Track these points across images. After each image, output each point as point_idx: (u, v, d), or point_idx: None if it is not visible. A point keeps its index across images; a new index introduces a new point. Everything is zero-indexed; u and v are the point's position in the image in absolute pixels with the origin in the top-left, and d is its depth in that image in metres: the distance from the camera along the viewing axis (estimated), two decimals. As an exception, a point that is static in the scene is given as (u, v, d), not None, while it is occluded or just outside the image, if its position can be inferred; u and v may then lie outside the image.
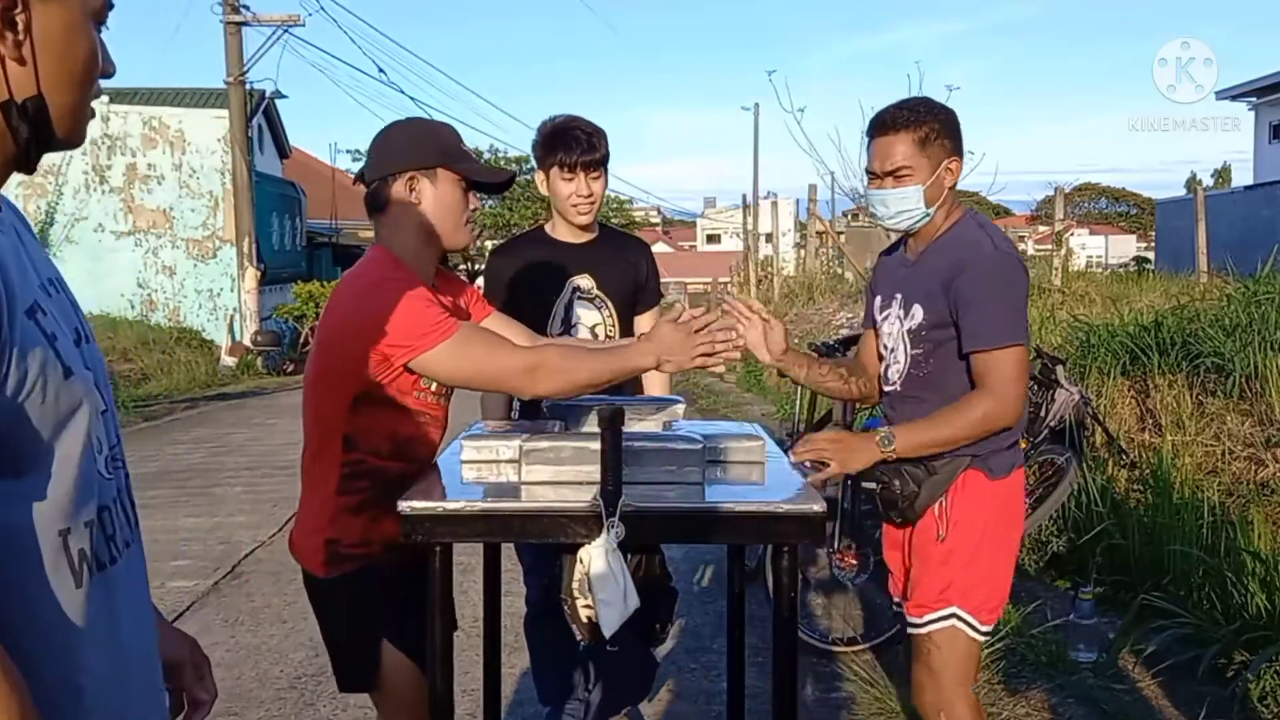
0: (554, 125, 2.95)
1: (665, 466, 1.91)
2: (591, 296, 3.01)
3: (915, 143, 2.31)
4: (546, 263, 2.99)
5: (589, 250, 3.03)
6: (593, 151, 2.90)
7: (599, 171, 2.93)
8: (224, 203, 18.68)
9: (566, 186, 2.90)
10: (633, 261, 3.09)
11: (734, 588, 2.56)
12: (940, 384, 2.37)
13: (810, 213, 18.06)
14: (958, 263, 2.31)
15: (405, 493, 1.85)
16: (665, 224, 74.68)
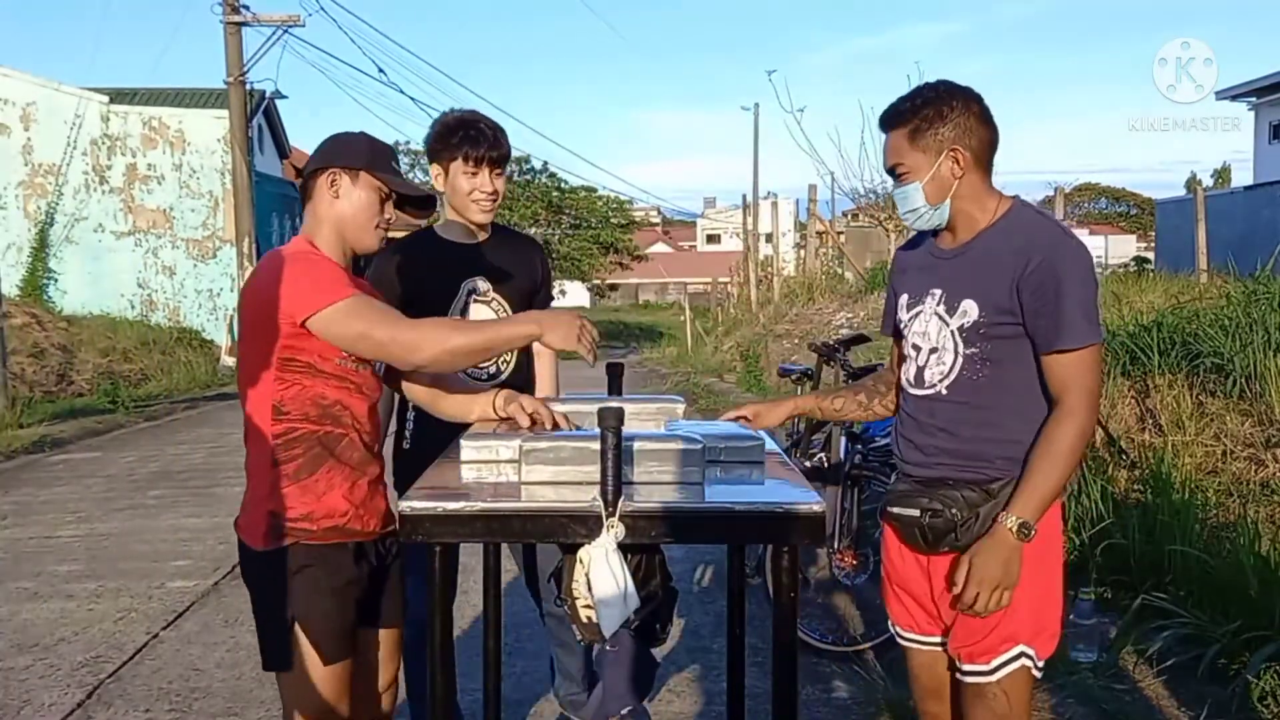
0: (456, 118, 2.83)
1: (665, 466, 1.91)
2: (488, 299, 2.88)
3: (905, 138, 2.17)
4: (439, 264, 2.85)
5: (483, 250, 2.90)
6: (498, 147, 2.80)
7: (502, 169, 2.83)
8: (224, 203, 18.67)
9: (469, 182, 2.78)
10: (528, 261, 2.99)
11: (734, 588, 2.56)
12: (999, 386, 2.13)
13: (810, 213, 18.07)
14: (1026, 249, 2.08)
15: (405, 492, 1.85)
16: (665, 224, 74.69)
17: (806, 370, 5.35)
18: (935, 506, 2.17)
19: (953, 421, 2.18)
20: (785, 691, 1.84)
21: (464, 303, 2.84)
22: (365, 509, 2.25)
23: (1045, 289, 2.05)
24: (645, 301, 62.08)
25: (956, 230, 2.20)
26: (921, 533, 2.20)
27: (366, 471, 2.27)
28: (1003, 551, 2.07)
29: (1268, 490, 4.88)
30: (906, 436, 2.29)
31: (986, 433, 2.15)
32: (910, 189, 2.18)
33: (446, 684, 1.89)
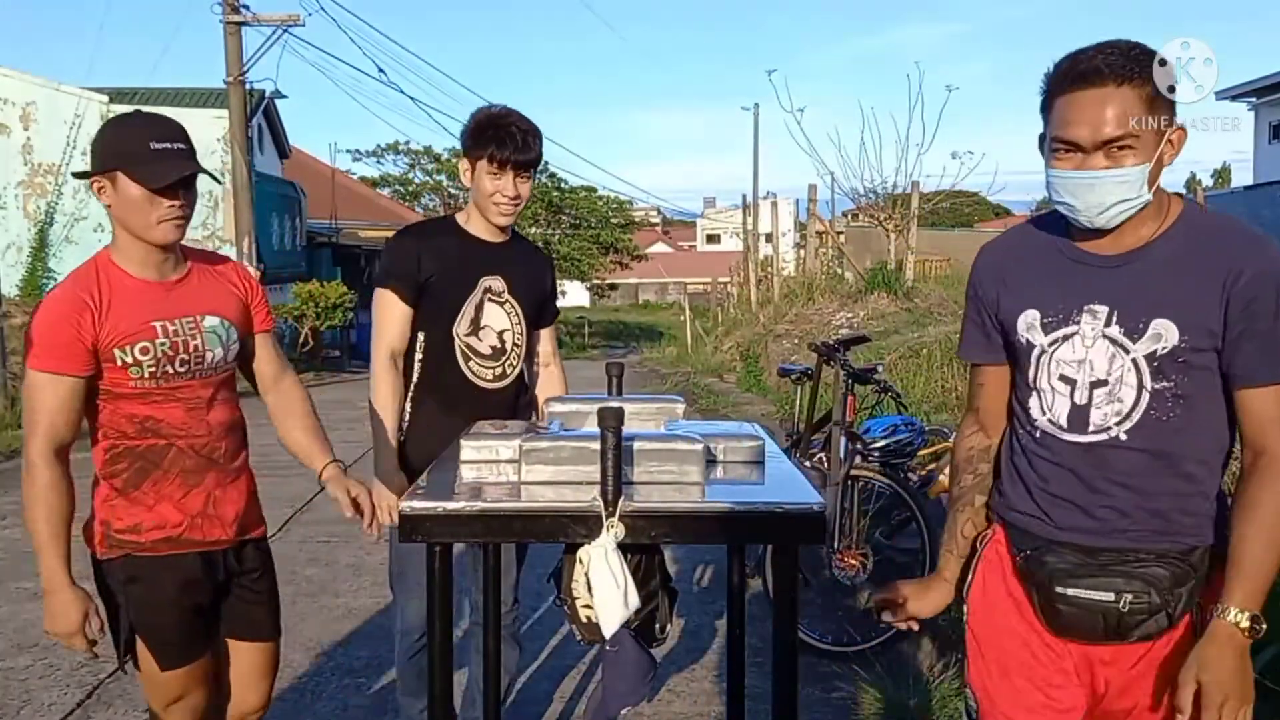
0: (489, 116, 2.75)
1: (665, 466, 1.91)
2: (502, 300, 2.84)
3: (1143, 100, 1.66)
4: (460, 256, 2.80)
5: (503, 251, 2.85)
6: (526, 151, 2.72)
7: (529, 174, 2.76)
8: (224, 203, 18.68)
9: (492, 183, 2.72)
10: (542, 273, 2.98)
11: (734, 588, 2.56)
12: (1190, 429, 1.74)
13: (810, 213, 18.06)
14: (1233, 259, 1.68)
15: (419, 493, 1.85)
16: (665, 224, 74.71)
17: (806, 370, 5.35)
18: (1135, 588, 1.73)
19: (1136, 475, 1.74)
20: (785, 691, 1.84)
21: (479, 299, 2.80)
22: (205, 518, 2.26)
23: (1261, 308, 1.66)
24: (645, 301, 62.09)
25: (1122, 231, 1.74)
26: (1117, 621, 1.75)
27: (204, 480, 2.26)
28: (1234, 657, 1.64)
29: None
30: (1057, 495, 1.81)
31: (1179, 487, 1.74)
32: (1134, 171, 1.66)
33: (446, 684, 1.89)
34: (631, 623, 1.97)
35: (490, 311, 2.81)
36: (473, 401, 2.76)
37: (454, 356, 2.78)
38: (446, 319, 2.77)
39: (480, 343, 2.80)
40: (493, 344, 2.81)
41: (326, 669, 4.01)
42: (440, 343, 2.78)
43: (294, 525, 6.28)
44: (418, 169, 38.25)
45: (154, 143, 2.12)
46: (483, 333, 2.80)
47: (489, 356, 2.81)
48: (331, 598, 4.88)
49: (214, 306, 2.27)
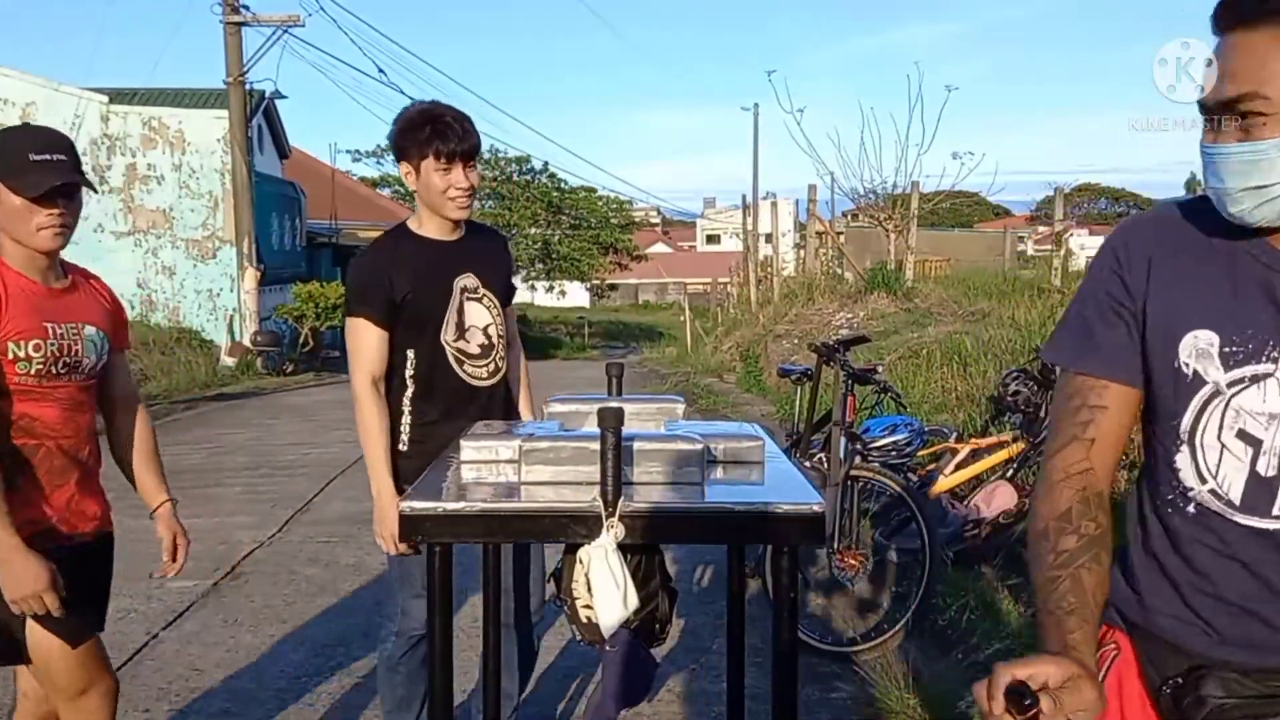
0: (419, 112, 2.72)
1: (665, 466, 1.91)
2: (479, 296, 2.83)
3: None
4: (429, 264, 2.77)
5: (465, 246, 2.83)
6: (468, 139, 2.69)
7: (474, 161, 2.73)
8: (224, 203, 18.67)
9: (443, 179, 2.68)
10: (503, 254, 2.97)
11: (734, 588, 2.56)
12: None
13: (810, 213, 18.06)
14: None
15: (405, 493, 1.85)
16: (665, 224, 74.72)
17: (806, 370, 5.35)
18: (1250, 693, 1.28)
19: None
20: (785, 692, 1.84)
21: (459, 301, 2.79)
22: (72, 514, 2.35)
23: None
24: (645, 302, 62.10)
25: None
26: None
27: (69, 479, 2.34)
28: None
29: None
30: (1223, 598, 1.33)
31: None
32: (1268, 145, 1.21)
33: (446, 684, 1.89)
34: (631, 623, 1.97)
35: (471, 310, 2.81)
36: (474, 403, 2.78)
37: (448, 364, 2.78)
38: (433, 330, 2.76)
39: (469, 344, 2.80)
40: (480, 342, 2.82)
41: (326, 669, 4.01)
42: (431, 354, 2.78)
43: (294, 525, 6.28)
44: (413, 167, 38.20)
45: (33, 154, 2.23)
46: (469, 333, 2.80)
47: (480, 355, 2.82)
48: (331, 598, 4.88)
49: (92, 317, 2.42)
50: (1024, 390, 5.14)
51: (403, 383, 2.78)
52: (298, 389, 15.44)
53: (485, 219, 37.25)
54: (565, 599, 2.05)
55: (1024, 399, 5.13)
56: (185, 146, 18.90)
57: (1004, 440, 5.12)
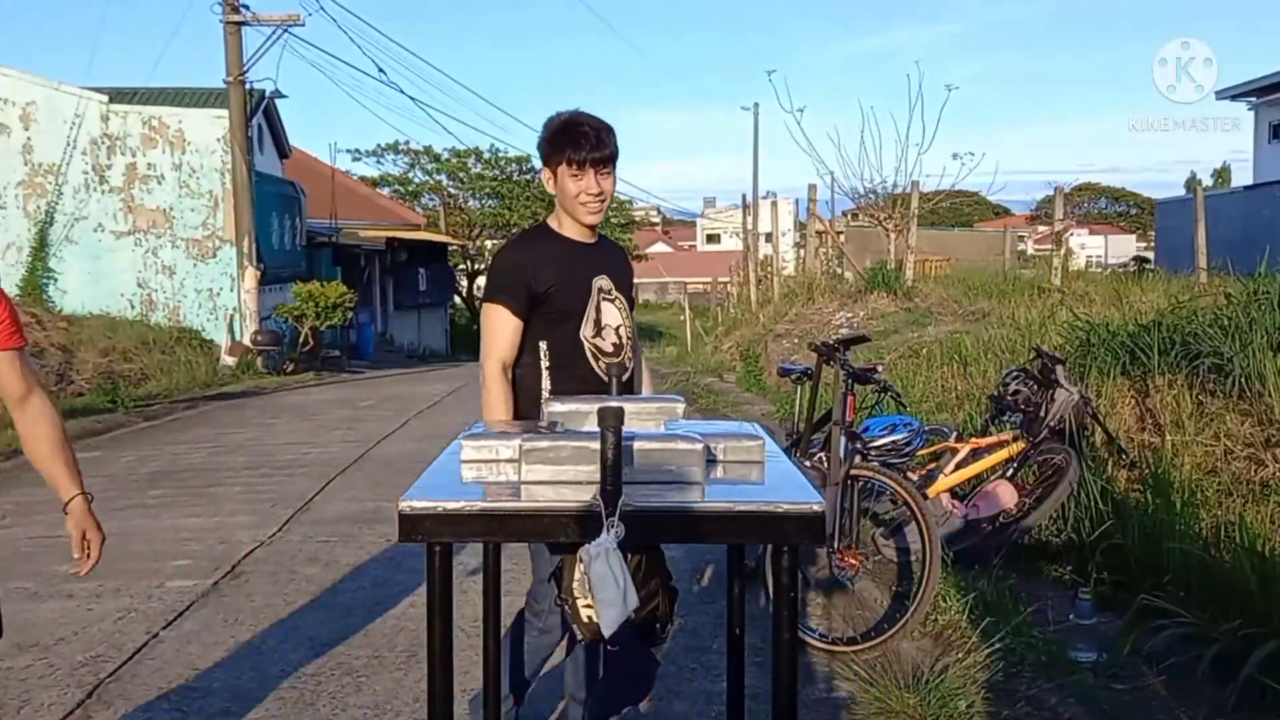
0: (560, 121, 2.86)
1: (665, 466, 1.90)
2: (613, 298, 2.96)
3: None
4: (571, 261, 2.91)
5: (600, 250, 2.99)
6: (602, 147, 2.82)
7: (608, 169, 2.85)
8: (224, 202, 18.66)
9: (575, 184, 2.83)
10: (628, 265, 3.11)
11: (734, 588, 2.55)
12: None
13: (810, 213, 18.06)
14: None
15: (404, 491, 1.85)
16: (665, 224, 74.71)
17: (806, 370, 5.35)
18: None
19: None
20: (785, 691, 1.84)
21: (596, 301, 2.92)
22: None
23: None
24: (645, 301, 62.03)
25: None
26: None
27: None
28: None
29: (1268, 490, 4.88)
30: None
31: None
32: None
33: (446, 684, 1.89)
34: (631, 622, 1.97)
35: (606, 310, 2.94)
36: None
37: (585, 358, 2.90)
38: (574, 325, 2.88)
39: (604, 341, 2.92)
40: (613, 340, 2.94)
41: (326, 669, 4.01)
42: (569, 347, 2.89)
43: (294, 525, 6.27)
44: (418, 169, 38.24)
45: None
46: (604, 331, 2.92)
47: (612, 353, 2.93)
48: (331, 597, 4.88)
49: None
50: (1024, 390, 5.14)
51: (539, 372, 2.89)
52: (298, 388, 15.43)
53: (485, 217, 37.26)
54: (565, 599, 2.05)
55: (1024, 398, 5.13)
56: (185, 146, 18.89)
57: (1004, 440, 5.12)
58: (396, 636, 4.34)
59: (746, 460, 2.10)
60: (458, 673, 2.38)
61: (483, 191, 37.30)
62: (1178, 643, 3.73)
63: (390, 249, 28.06)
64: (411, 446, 9.00)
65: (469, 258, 37.83)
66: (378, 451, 8.86)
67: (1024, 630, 4.00)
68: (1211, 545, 4.36)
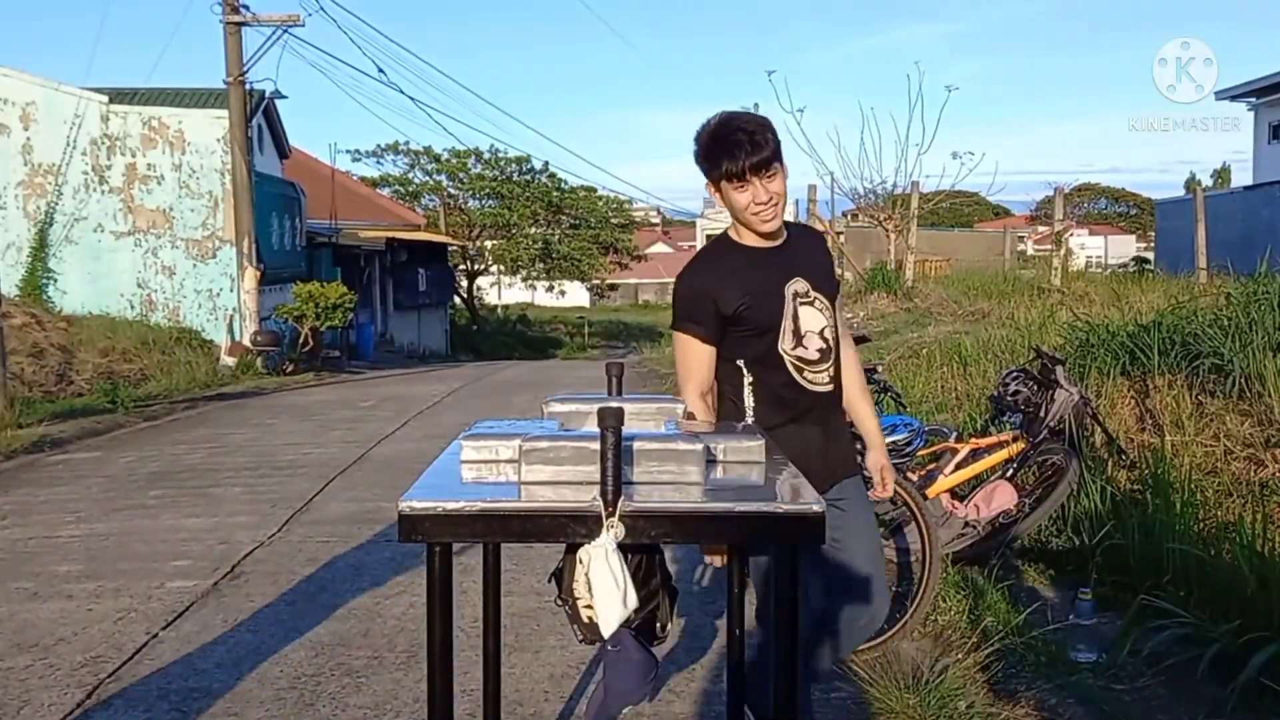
0: (709, 131, 2.63)
1: (665, 466, 1.90)
2: (810, 299, 2.75)
3: None
4: (756, 274, 2.71)
5: (789, 250, 2.76)
6: (759, 150, 2.58)
7: (773, 168, 2.60)
8: (224, 203, 18.66)
9: (741, 196, 2.62)
10: (824, 256, 2.88)
11: (734, 588, 2.56)
12: None
13: (810, 212, 18.06)
14: None
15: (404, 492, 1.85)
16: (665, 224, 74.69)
17: (806, 370, 5.34)
18: None
19: None
20: (785, 691, 1.84)
21: (793, 308, 2.72)
22: None
23: None
24: (645, 301, 62.12)
25: None
26: None
27: None
28: None
29: (1267, 490, 4.88)
30: None
31: None
32: None
33: (445, 684, 1.89)
34: (631, 622, 1.97)
35: (806, 316, 2.74)
36: (816, 409, 2.77)
37: (788, 372, 2.73)
38: (770, 340, 2.71)
39: (808, 350, 2.74)
40: (819, 346, 2.76)
41: (326, 669, 4.01)
42: (770, 364, 2.73)
43: (294, 525, 6.27)
44: (418, 169, 38.25)
45: None
46: (806, 339, 2.73)
47: (819, 360, 2.76)
48: (331, 597, 4.88)
49: None
50: (1024, 390, 5.14)
51: (741, 390, 2.75)
52: (298, 389, 15.43)
53: (485, 218, 37.27)
54: (565, 599, 2.05)
55: (1024, 399, 5.13)
56: (185, 146, 18.89)
57: (1004, 440, 5.12)
58: (396, 636, 4.34)
59: (746, 460, 2.10)
60: (458, 673, 2.38)
61: (483, 192, 37.31)
62: (1178, 643, 3.73)
63: (390, 249, 28.06)
64: (411, 447, 9.00)
65: (469, 258, 37.84)
66: (378, 452, 8.86)
67: (1024, 630, 4.01)
68: (1211, 545, 4.36)
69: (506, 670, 3.51)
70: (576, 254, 37.87)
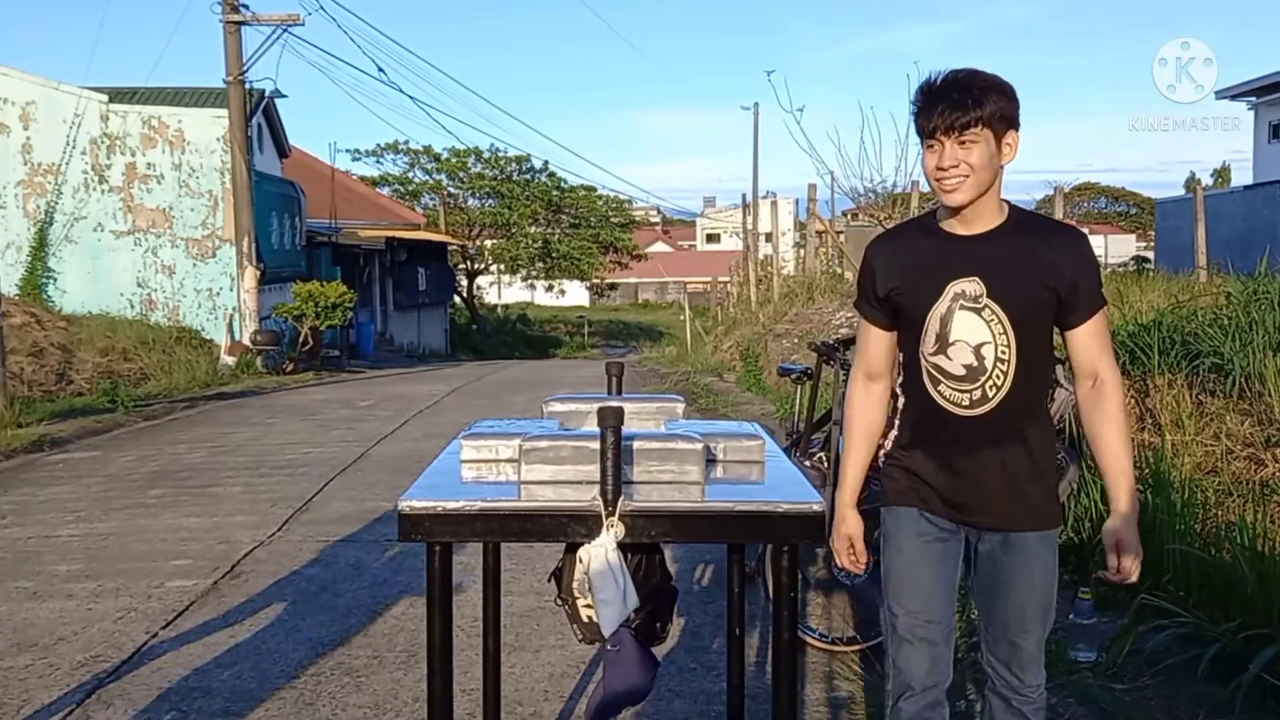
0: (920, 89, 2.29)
1: (665, 466, 1.90)
2: (979, 306, 2.29)
3: None
4: (926, 260, 2.35)
5: (984, 245, 2.30)
6: (959, 110, 2.20)
7: (975, 133, 2.21)
8: (223, 202, 18.66)
9: (930, 159, 2.26)
10: (1050, 259, 2.28)
11: (734, 588, 2.56)
12: None
13: (810, 212, 18.06)
14: None
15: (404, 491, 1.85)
16: (665, 223, 74.73)
17: (806, 370, 5.34)
18: None
19: None
20: (785, 691, 1.84)
21: (946, 309, 2.31)
22: None
23: None
24: (645, 301, 62.14)
25: None
26: None
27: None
28: None
29: (1268, 490, 4.88)
30: None
31: None
32: None
33: (445, 684, 1.89)
34: (631, 622, 1.97)
35: (962, 321, 2.30)
36: (948, 431, 2.36)
37: (921, 380, 2.37)
38: (914, 337, 2.37)
39: (950, 361, 2.32)
40: (966, 362, 2.31)
41: (326, 669, 4.01)
42: (911, 366, 2.41)
43: (294, 525, 6.27)
44: (417, 168, 38.24)
45: None
46: (954, 349, 2.31)
47: (963, 378, 2.32)
48: (332, 597, 4.88)
49: None
50: (1024, 390, 5.13)
51: (893, 391, 2.50)
52: (297, 388, 15.42)
53: (485, 217, 37.27)
54: (565, 599, 2.05)
55: (1024, 398, 5.12)
56: (185, 146, 18.89)
57: (1004, 440, 5.11)
58: (396, 636, 4.34)
59: (746, 460, 2.10)
60: (458, 672, 2.38)
61: (482, 191, 37.31)
62: (1178, 643, 3.73)
63: (390, 249, 28.06)
64: (411, 446, 9.00)
65: (469, 257, 37.83)
66: (377, 451, 8.85)
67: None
68: (1211, 545, 4.36)
69: (506, 670, 3.51)
70: (576, 253, 37.86)
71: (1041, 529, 2.40)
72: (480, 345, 33.50)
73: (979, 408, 2.32)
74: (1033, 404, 2.37)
